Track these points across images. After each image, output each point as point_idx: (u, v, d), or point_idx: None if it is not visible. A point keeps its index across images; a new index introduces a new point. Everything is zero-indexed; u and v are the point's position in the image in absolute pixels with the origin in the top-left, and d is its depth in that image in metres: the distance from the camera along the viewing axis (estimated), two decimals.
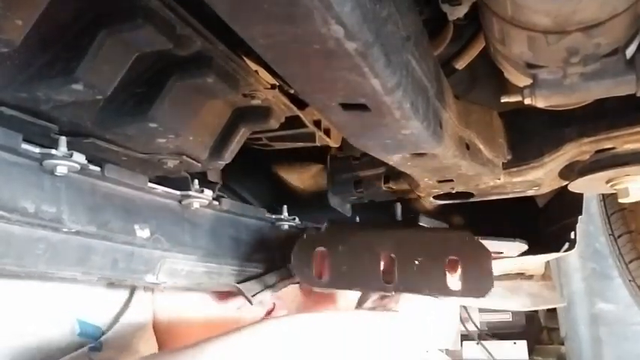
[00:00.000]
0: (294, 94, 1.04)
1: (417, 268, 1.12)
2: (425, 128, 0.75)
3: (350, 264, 1.16)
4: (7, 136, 0.76)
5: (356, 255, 1.17)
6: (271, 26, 0.50)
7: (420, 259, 1.12)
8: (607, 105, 1.01)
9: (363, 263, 1.16)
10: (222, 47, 0.84)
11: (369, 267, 1.15)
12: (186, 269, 1.11)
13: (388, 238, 1.17)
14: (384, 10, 0.57)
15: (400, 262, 1.14)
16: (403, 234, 1.18)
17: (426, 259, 1.12)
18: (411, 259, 1.13)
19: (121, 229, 0.95)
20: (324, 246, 1.19)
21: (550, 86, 0.81)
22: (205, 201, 1.11)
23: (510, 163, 1.16)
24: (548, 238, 1.51)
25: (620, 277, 2.42)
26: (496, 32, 0.79)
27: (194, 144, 0.97)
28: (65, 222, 0.84)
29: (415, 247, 1.14)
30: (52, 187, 0.83)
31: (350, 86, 0.61)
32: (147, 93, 0.83)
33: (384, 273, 1.15)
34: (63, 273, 0.88)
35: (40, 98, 0.75)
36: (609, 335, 3.95)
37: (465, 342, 4.82)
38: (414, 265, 1.13)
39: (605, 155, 1.11)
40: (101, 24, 0.71)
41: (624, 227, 2.22)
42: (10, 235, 0.78)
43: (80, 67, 0.71)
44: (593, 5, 0.65)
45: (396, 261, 1.14)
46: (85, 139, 0.88)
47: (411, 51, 0.68)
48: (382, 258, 1.16)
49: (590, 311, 4.00)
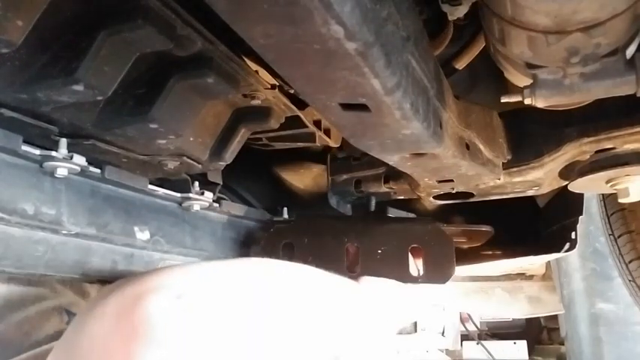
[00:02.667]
0: (295, 94, 1.04)
1: (379, 256, 1.18)
2: (425, 128, 0.75)
3: (315, 254, 1.20)
4: (8, 137, 0.76)
5: (321, 246, 1.22)
6: (271, 26, 0.50)
7: (384, 248, 1.18)
8: (607, 105, 1.01)
9: (328, 253, 1.20)
10: (222, 47, 0.84)
11: (334, 257, 1.20)
12: None
13: (354, 229, 1.22)
14: (384, 10, 0.57)
15: (364, 252, 1.19)
16: (368, 224, 1.24)
17: (389, 247, 1.18)
18: (375, 248, 1.18)
19: (121, 231, 0.95)
20: (290, 238, 1.24)
21: (550, 86, 0.81)
22: (205, 203, 1.11)
23: (510, 163, 1.16)
24: (549, 238, 1.51)
25: (620, 277, 2.42)
26: (496, 32, 0.79)
27: (194, 145, 0.97)
28: (65, 224, 0.84)
29: (379, 237, 1.20)
30: (52, 189, 0.83)
31: (350, 86, 0.61)
32: (147, 94, 0.83)
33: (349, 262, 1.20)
34: (62, 275, 0.88)
35: (41, 99, 0.75)
36: (609, 335, 3.94)
37: (464, 342, 4.82)
38: (377, 254, 1.18)
39: (605, 155, 1.11)
40: (101, 24, 0.71)
41: (624, 227, 2.22)
42: (9, 236, 0.78)
43: (80, 68, 0.70)
44: (594, 5, 0.65)
45: (360, 250, 1.19)
46: (85, 140, 0.88)
47: (411, 51, 0.68)
48: (347, 248, 1.21)
49: (590, 311, 4.00)
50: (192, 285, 0.77)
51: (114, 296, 0.74)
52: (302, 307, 0.90)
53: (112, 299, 0.74)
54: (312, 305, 0.92)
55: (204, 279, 0.80)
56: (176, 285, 0.75)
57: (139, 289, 0.73)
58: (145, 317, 0.68)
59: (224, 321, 0.75)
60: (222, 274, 0.83)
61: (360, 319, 1.05)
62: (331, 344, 0.93)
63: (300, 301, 0.90)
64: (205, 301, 0.75)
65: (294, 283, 0.92)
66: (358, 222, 1.29)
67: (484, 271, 2.30)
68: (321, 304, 0.95)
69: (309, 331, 0.88)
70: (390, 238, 1.19)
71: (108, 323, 0.71)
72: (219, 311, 0.75)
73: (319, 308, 0.93)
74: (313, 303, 0.93)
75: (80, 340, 0.74)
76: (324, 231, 1.24)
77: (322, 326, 0.92)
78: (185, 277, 0.79)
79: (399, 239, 1.18)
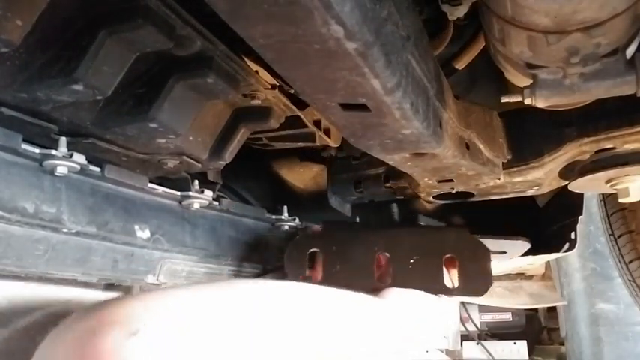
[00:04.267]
0: (294, 94, 1.04)
1: (412, 266, 1.12)
2: (425, 128, 0.76)
3: (343, 263, 1.15)
4: (8, 136, 0.76)
5: (350, 254, 1.17)
6: (271, 26, 0.50)
7: (416, 258, 1.12)
8: (607, 105, 1.01)
9: (356, 263, 1.15)
10: (222, 47, 0.84)
11: (363, 266, 1.15)
12: (187, 270, 1.11)
13: (383, 238, 1.17)
14: (384, 10, 0.57)
15: (395, 261, 1.13)
16: (398, 233, 1.18)
17: (422, 257, 1.12)
18: (407, 258, 1.13)
19: (121, 229, 0.95)
20: (317, 246, 1.19)
21: (550, 86, 0.81)
22: (205, 202, 1.11)
23: (510, 163, 1.16)
24: (549, 238, 1.51)
25: (620, 277, 2.42)
26: (496, 32, 0.79)
27: (194, 144, 0.97)
28: (65, 222, 0.84)
29: (410, 246, 1.14)
30: (52, 188, 0.83)
31: (350, 86, 0.61)
32: (147, 93, 0.83)
33: (380, 273, 1.14)
34: (63, 274, 0.88)
35: (41, 99, 0.75)
36: (609, 335, 3.94)
37: (465, 342, 4.82)
38: (409, 264, 1.12)
39: (605, 155, 1.11)
40: (101, 24, 0.71)
41: (624, 227, 2.22)
42: (10, 235, 0.78)
43: (80, 67, 0.71)
44: (594, 5, 0.65)
45: (391, 260, 1.14)
46: (85, 139, 0.88)
47: (411, 51, 0.68)
48: (378, 257, 1.15)
49: (590, 311, 4.00)
50: (150, 319, 0.69)
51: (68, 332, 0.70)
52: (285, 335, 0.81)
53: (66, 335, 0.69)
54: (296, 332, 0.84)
55: (164, 311, 0.72)
56: (132, 319, 0.68)
57: (93, 324, 0.68)
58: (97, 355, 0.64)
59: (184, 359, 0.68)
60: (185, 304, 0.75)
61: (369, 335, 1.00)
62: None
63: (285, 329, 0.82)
64: (163, 338, 0.68)
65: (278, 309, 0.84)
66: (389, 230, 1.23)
67: None
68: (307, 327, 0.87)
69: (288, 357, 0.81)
70: (423, 247, 1.13)
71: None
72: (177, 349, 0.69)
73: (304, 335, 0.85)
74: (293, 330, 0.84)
75: None
76: (353, 239, 1.19)
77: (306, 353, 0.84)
78: (143, 310, 0.71)
79: (433, 249, 1.12)
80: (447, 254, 1.11)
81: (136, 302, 0.73)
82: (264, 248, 1.33)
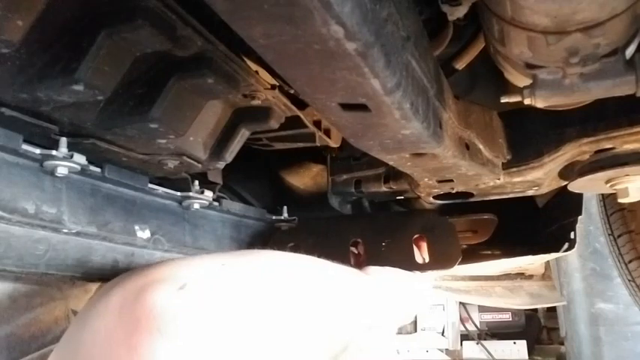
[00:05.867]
0: (295, 94, 1.04)
1: (384, 248, 1.22)
2: (425, 128, 0.76)
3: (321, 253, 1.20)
4: (8, 137, 0.76)
5: (326, 244, 1.25)
6: (271, 26, 0.50)
7: (388, 241, 1.22)
8: (607, 105, 1.01)
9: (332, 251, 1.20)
10: (222, 47, 0.84)
11: (339, 253, 1.22)
12: None
13: (357, 227, 1.26)
14: (384, 10, 0.57)
15: (368, 246, 1.22)
16: (372, 221, 1.28)
17: (393, 240, 1.21)
18: (379, 242, 1.22)
19: (122, 229, 0.95)
20: (296, 241, 1.27)
21: (550, 86, 0.81)
22: (206, 202, 1.11)
23: (510, 163, 1.16)
24: (548, 238, 1.51)
25: (620, 277, 2.42)
26: (496, 32, 0.79)
27: (194, 144, 0.97)
28: (65, 223, 0.84)
29: (382, 231, 1.23)
30: (53, 188, 0.83)
31: (350, 86, 0.61)
32: (147, 93, 0.83)
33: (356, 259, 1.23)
34: (63, 274, 0.88)
35: (41, 99, 0.75)
36: (609, 335, 3.95)
37: (464, 342, 4.83)
38: (381, 247, 1.22)
39: (605, 155, 1.11)
40: (101, 24, 0.71)
41: (624, 227, 2.22)
42: (10, 235, 0.78)
43: (81, 67, 0.71)
44: (593, 6, 0.65)
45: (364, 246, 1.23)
46: (85, 139, 0.88)
47: (411, 51, 0.68)
48: (352, 245, 1.24)
49: (590, 311, 4.00)
50: (195, 276, 0.76)
51: (116, 290, 0.74)
52: (309, 297, 0.89)
53: (114, 293, 0.73)
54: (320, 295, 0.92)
55: (207, 270, 0.79)
56: (179, 276, 0.74)
57: (141, 282, 0.73)
58: (147, 309, 0.68)
59: (228, 311, 0.74)
60: (225, 264, 0.83)
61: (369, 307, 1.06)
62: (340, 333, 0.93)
63: (307, 291, 0.90)
64: (209, 291, 0.74)
65: (302, 273, 0.93)
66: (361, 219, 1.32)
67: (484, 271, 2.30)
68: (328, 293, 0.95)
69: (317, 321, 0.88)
70: (393, 230, 1.22)
71: (110, 317, 0.71)
72: (222, 301, 0.75)
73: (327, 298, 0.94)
74: (320, 292, 0.93)
75: (83, 335, 0.73)
76: (328, 231, 1.27)
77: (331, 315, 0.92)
78: (188, 269, 0.78)
79: (402, 231, 1.21)
80: (416, 234, 1.21)
81: (180, 263, 0.81)
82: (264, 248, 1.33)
